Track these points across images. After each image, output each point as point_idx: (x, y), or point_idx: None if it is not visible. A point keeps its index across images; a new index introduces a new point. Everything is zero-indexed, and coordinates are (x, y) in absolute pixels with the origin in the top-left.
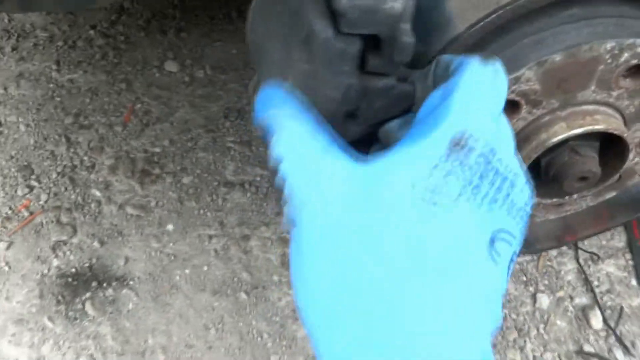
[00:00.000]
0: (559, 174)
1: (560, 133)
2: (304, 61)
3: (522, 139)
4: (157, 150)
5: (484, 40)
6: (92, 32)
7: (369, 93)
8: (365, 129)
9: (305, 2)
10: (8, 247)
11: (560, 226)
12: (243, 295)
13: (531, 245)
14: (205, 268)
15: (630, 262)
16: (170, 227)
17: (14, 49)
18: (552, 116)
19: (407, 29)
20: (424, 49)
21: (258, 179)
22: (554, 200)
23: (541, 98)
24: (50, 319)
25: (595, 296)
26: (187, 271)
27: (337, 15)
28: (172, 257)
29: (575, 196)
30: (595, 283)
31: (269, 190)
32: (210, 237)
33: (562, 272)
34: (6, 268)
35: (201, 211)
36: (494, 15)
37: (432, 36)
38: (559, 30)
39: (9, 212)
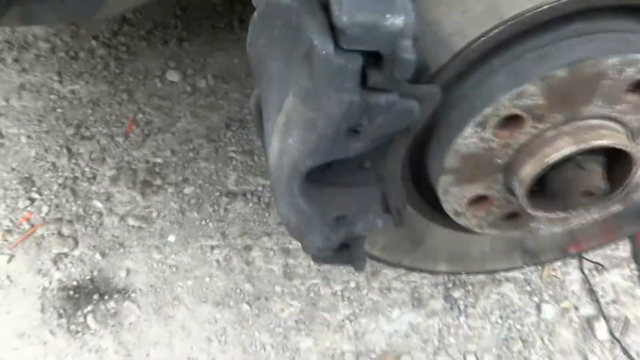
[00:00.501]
0: (564, 188)
1: (564, 148)
2: (304, 77)
3: (525, 154)
4: (159, 160)
5: (487, 55)
6: (94, 42)
7: (371, 109)
8: (368, 145)
9: (305, 17)
10: (9, 261)
11: (565, 238)
12: (245, 307)
13: (536, 256)
14: (207, 279)
15: (635, 272)
16: (172, 238)
17: (15, 60)
18: (557, 131)
19: (408, 46)
20: (425, 64)
21: (260, 188)
22: (559, 213)
23: (545, 112)
24: (52, 332)
25: (600, 306)
26: (189, 283)
27: (338, 32)
28: (174, 269)
29: (580, 209)
30: (600, 293)
31: (270, 200)
32: (212, 247)
33: (567, 282)
34: (7, 282)
35: (203, 222)
36: (495, 31)
37: (433, 52)
38: (563, 45)
39: (10, 224)
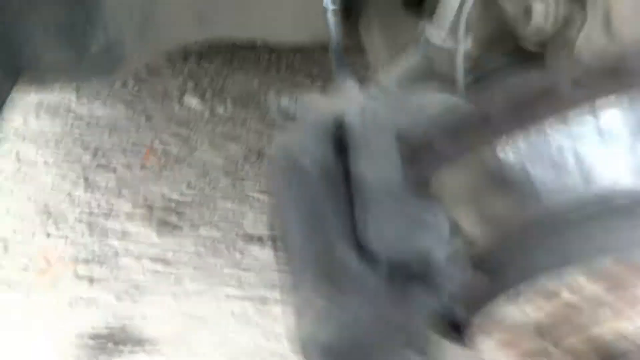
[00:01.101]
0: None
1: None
2: (331, 293)
3: (559, 322)
4: (175, 196)
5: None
6: None
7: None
8: None
9: (324, 200)
10: (25, 300)
11: None
12: None
13: None
14: (224, 332)
15: None
16: (187, 283)
17: None
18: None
19: (454, 275)
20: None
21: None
22: None
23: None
24: None
25: None
26: (204, 334)
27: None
28: (190, 318)
29: None
30: None
31: None
32: (229, 297)
33: None
34: (23, 325)
35: (219, 267)
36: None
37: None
38: (611, 226)
39: (27, 261)
